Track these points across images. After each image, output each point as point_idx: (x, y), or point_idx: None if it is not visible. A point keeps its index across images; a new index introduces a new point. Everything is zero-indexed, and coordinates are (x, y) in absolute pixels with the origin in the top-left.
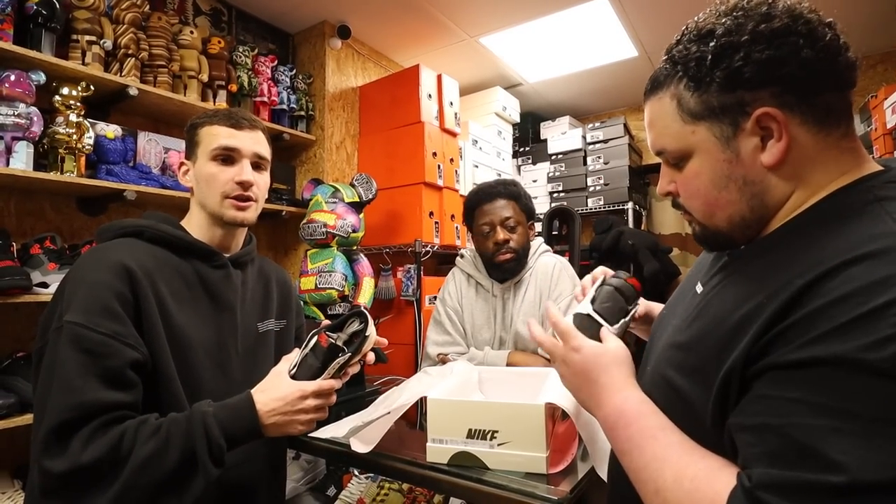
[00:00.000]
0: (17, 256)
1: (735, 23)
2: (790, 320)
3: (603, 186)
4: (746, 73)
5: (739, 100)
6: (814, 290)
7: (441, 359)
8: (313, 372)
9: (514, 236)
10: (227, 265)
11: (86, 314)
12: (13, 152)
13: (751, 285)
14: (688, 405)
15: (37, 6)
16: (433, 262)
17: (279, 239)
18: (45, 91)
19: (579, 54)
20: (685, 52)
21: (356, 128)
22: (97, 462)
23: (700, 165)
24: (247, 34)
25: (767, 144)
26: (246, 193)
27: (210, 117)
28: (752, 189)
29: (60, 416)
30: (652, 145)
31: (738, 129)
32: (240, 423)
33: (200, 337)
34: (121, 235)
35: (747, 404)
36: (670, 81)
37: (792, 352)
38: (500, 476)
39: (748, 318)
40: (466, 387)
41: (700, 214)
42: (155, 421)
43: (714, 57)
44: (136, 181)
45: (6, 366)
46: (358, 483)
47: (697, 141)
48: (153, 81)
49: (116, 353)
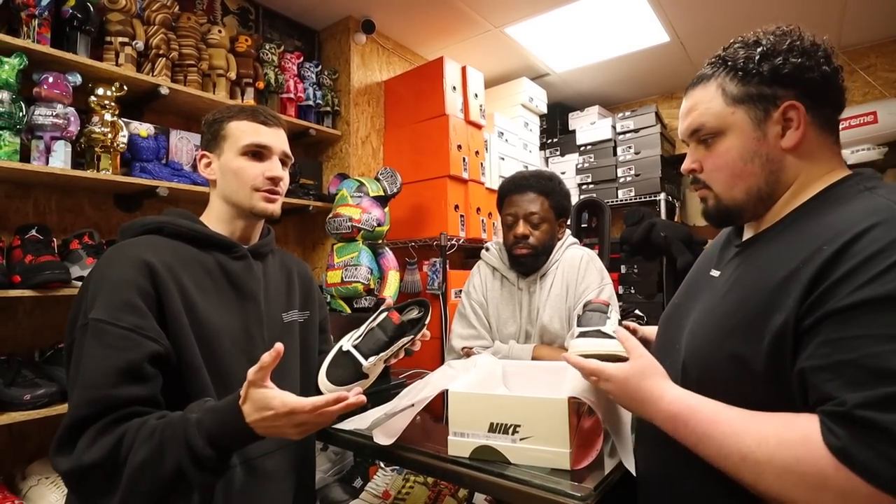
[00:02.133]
0: (58, 251)
1: (777, 38)
2: (832, 279)
3: (634, 177)
4: (784, 71)
5: (774, 92)
6: (845, 253)
7: (466, 352)
8: (380, 345)
9: (535, 232)
10: (248, 256)
11: (108, 310)
12: (52, 151)
13: (780, 257)
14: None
15: (72, 10)
16: (459, 256)
17: (307, 233)
18: (81, 92)
19: (608, 42)
20: (734, 54)
21: (381, 122)
22: (96, 464)
23: (732, 142)
24: (273, 32)
25: (787, 132)
26: (275, 188)
27: (236, 113)
28: (771, 166)
29: (77, 411)
30: (689, 125)
31: (767, 115)
32: (227, 430)
33: (226, 326)
34: (141, 233)
35: (815, 350)
36: (718, 73)
37: (843, 299)
38: (522, 471)
39: (788, 281)
40: (490, 380)
41: (722, 185)
42: (155, 422)
43: (761, 57)
44: (168, 178)
45: (49, 356)
46: (384, 475)
47: (735, 121)
48: (183, 80)
49: (137, 347)
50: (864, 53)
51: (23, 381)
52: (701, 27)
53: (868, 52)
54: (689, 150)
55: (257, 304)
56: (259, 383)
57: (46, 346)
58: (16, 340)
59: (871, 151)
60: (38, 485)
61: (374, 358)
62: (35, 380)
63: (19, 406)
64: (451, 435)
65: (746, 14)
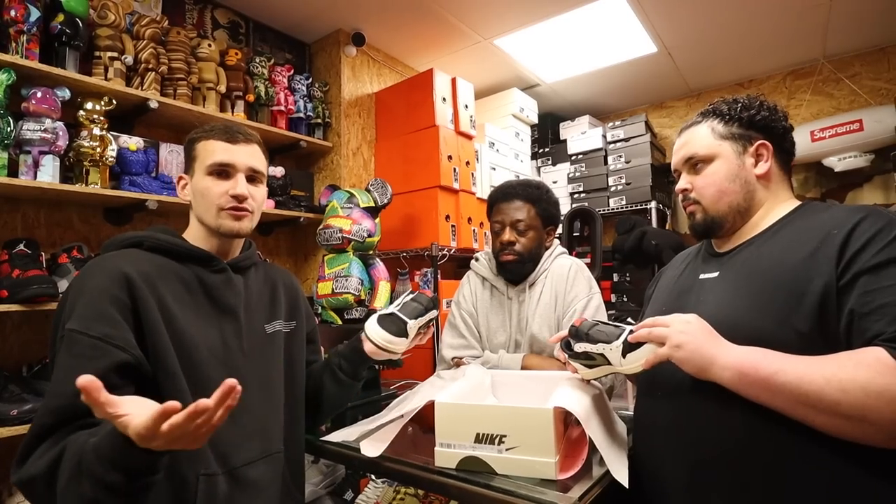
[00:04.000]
0: (46, 266)
1: (750, 99)
2: (853, 250)
3: (625, 186)
4: (756, 118)
5: (749, 133)
6: (853, 234)
7: (456, 362)
8: (419, 311)
9: (521, 240)
10: (227, 269)
11: (81, 320)
12: (40, 166)
13: (793, 243)
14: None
15: (61, 25)
16: (452, 266)
17: (298, 244)
18: (69, 106)
19: (597, 52)
20: (720, 107)
21: (372, 133)
22: (38, 476)
23: (720, 166)
24: (264, 45)
25: (759, 163)
26: (241, 206)
27: (207, 132)
28: (748, 187)
29: (40, 420)
30: (684, 155)
31: (745, 149)
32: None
33: (204, 337)
34: (122, 247)
35: (857, 300)
36: (708, 118)
37: (869, 261)
38: (508, 481)
39: (813, 256)
40: (479, 390)
41: (709, 199)
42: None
43: (741, 108)
44: (158, 191)
45: (36, 371)
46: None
47: (721, 150)
48: (173, 94)
49: (104, 355)
50: (849, 62)
51: (10, 396)
52: (688, 38)
53: (853, 61)
54: (682, 177)
55: (236, 316)
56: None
57: (34, 361)
58: (3, 355)
59: (858, 159)
60: (25, 501)
61: (414, 322)
62: (22, 395)
63: (6, 421)
64: (438, 446)
65: (732, 25)
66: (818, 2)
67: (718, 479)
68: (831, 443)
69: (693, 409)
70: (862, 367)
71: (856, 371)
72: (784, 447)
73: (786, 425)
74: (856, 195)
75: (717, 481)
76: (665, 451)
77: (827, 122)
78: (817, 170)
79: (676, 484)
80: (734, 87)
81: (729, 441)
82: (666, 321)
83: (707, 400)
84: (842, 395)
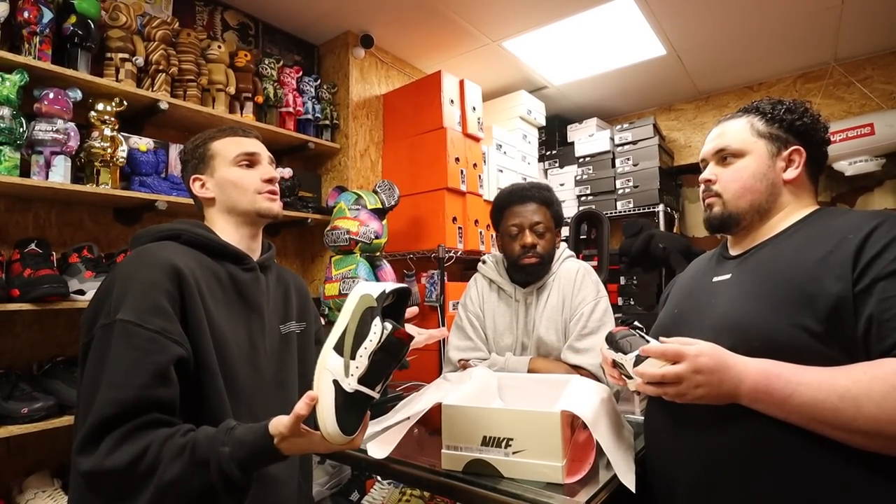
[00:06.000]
0: (57, 265)
1: (796, 103)
2: (869, 255)
3: (632, 189)
4: (797, 125)
5: (788, 137)
6: (869, 239)
7: (462, 364)
8: (388, 372)
9: (541, 242)
10: (256, 268)
11: (137, 312)
12: (52, 166)
13: (808, 244)
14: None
15: (73, 27)
16: (458, 268)
17: (305, 246)
18: (81, 107)
19: (605, 55)
20: (763, 106)
21: (380, 135)
22: (117, 470)
23: (750, 162)
24: (273, 47)
25: (789, 169)
26: (274, 188)
27: (214, 134)
28: (773, 189)
29: (103, 411)
30: (717, 145)
31: (779, 152)
32: (259, 460)
33: (235, 336)
34: (158, 239)
35: (876, 305)
36: (750, 114)
37: (885, 268)
38: (514, 485)
39: (827, 259)
40: (485, 393)
41: (732, 194)
42: (181, 439)
43: (785, 110)
44: (167, 191)
45: (46, 370)
46: (381, 489)
47: (755, 147)
48: (183, 95)
49: (164, 350)
50: (860, 66)
51: (20, 394)
52: (697, 40)
53: (864, 65)
54: (708, 167)
55: (261, 316)
56: (298, 432)
57: (45, 360)
58: (14, 354)
59: (869, 163)
60: (35, 498)
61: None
62: (33, 393)
63: (17, 419)
64: (445, 448)
65: (741, 28)
66: (830, 4)
67: (727, 483)
68: (845, 451)
69: (702, 411)
70: (877, 381)
71: (871, 385)
72: (795, 452)
73: (797, 431)
74: (866, 199)
75: (726, 485)
76: (674, 453)
77: (837, 126)
78: (827, 174)
79: (685, 488)
80: (743, 90)
81: (738, 444)
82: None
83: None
84: (857, 412)
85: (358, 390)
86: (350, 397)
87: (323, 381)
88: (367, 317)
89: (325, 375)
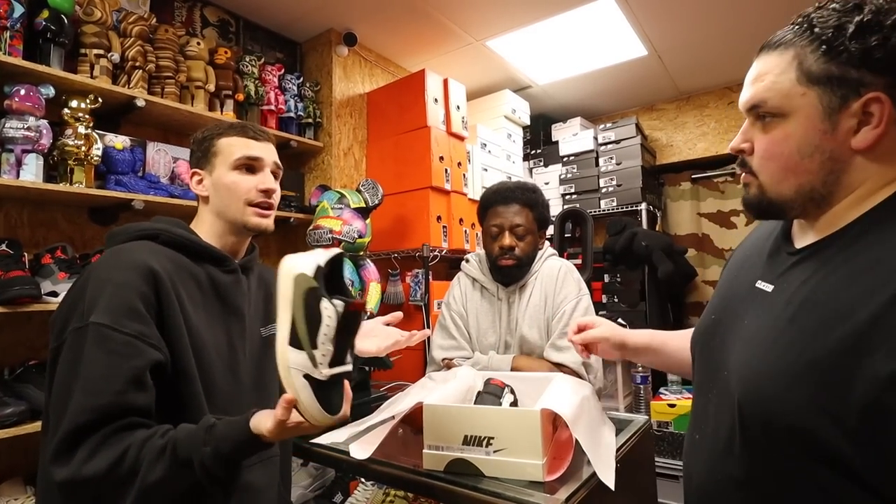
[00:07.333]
0: (29, 266)
1: (886, 5)
2: None
3: (616, 187)
4: (877, 55)
5: (860, 77)
6: None
7: (446, 363)
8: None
9: (520, 244)
10: (238, 270)
11: (111, 314)
12: (23, 165)
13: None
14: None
15: (46, 22)
16: (443, 267)
17: (288, 245)
18: (54, 104)
19: (588, 55)
20: (825, 18)
21: (364, 134)
22: (95, 478)
23: (794, 129)
24: (255, 44)
25: (862, 129)
26: (269, 201)
27: (226, 129)
28: (833, 165)
29: (78, 418)
30: (751, 98)
31: (844, 105)
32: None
33: (213, 340)
34: (135, 238)
35: None
36: (799, 41)
37: None
38: (496, 483)
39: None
40: (469, 392)
41: (770, 177)
42: (160, 440)
43: (856, 30)
44: (144, 191)
45: (18, 374)
46: (364, 490)
47: (802, 104)
48: (160, 92)
49: (140, 354)
50: None
51: None
52: (677, 41)
53: None
54: (743, 126)
55: (241, 318)
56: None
57: (16, 364)
58: None
59: None
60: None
61: (350, 354)
62: (4, 398)
63: None
64: (427, 448)
65: (721, 28)
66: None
67: None
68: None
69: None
70: None
71: None
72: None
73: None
74: None
75: None
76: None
77: None
78: None
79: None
80: (723, 91)
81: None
82: None
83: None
84: None
85: (332, 374)
86: (326, 383)
87: (294, 380)
88: (312, 300)
89: (293, 374)
